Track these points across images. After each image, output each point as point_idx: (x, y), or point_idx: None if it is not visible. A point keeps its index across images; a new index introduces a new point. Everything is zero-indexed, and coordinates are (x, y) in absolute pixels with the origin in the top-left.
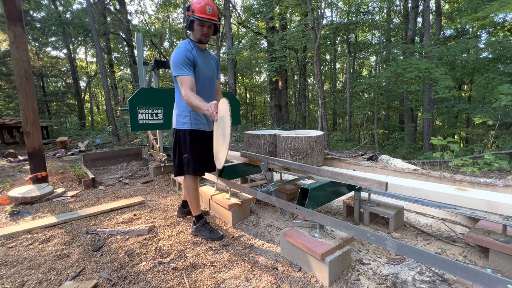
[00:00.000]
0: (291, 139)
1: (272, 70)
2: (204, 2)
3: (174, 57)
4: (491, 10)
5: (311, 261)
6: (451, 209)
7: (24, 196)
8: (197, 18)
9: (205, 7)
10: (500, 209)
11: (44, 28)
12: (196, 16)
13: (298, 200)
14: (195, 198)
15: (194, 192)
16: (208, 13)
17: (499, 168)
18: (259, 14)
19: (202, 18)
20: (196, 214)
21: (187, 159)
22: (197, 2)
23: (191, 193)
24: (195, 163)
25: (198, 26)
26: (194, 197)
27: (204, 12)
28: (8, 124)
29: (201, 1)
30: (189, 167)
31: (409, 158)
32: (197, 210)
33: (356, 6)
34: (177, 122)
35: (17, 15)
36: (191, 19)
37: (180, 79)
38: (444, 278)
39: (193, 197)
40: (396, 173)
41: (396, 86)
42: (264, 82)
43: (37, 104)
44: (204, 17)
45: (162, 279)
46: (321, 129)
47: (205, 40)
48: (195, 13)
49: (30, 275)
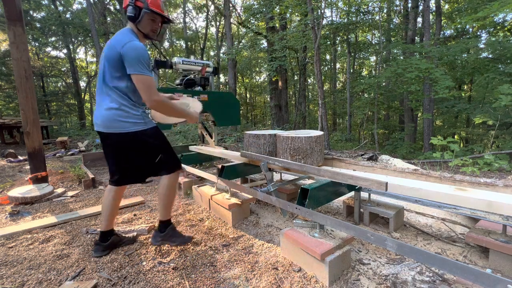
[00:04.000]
0: (291, 139)
1: (272, 70)
2: None
3: (139, 52)
4: (491, 10)
5: (311, 261)
6: (451, 209)
7: (24, 196)
8: (152, 10)
9: (159, 1)
10: (500, 209)
11: (44, 28)
12: (151, 8)
13: (298, 200)
14: (173, 198)
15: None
16: (162, 9)
17: (499, 168)
18: (259, 14)
19: (157, 12)
20: (169, 218)
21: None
22: None
23: (173, 193)
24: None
25: (149, 20)
26: (173, 197)
27: (159, 6)
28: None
29: None
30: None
31: (409, 158)
32: (169, 213)
33: (356, 6)
34: (134, 123)
35: (17, 15)
36: (144, 11)
37: (147, 79)
38: (444, 278)
39: (172, 197)
40: (396, 173)
41: (396, 86)
42: (264, 82)
43: (37, 104)
44: (159, 11)
45: (162, 279)
46: (321, 129)
47: (152, 37)
48: (149, 5)
49: (30, 275)
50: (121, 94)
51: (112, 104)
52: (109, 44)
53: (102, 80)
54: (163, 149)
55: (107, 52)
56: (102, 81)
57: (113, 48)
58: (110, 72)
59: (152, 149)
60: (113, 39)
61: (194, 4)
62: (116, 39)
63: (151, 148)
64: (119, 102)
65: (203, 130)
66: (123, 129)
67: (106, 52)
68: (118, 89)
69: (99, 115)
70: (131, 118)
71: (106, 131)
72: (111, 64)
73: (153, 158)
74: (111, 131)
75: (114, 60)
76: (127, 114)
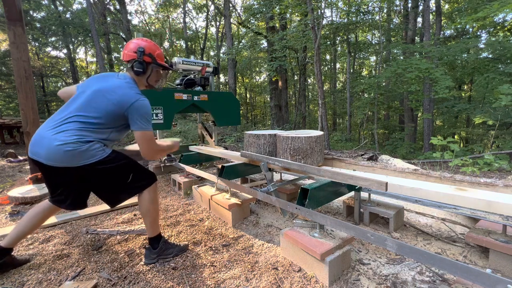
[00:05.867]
0: (291, 139)
1: (272, 70)
2: (159, 49)
3: (147, 110)
4: (491, 10)
5: (311, 261)
6: (451, 209)
7: (24, 196)
8: (160, 65)
9: (162, 54)
10: (500, 209)
11: (44, 28)
12: (159, 63)
13: (298, 200)
14: (158, 210)
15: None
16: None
17: (499, 168)
18: (259, 14)
19: (164, 66)
20: (157, 233)
21: (137, 175)
22: (153, 48)
23: (156, 206)
24: (146, 171)
25: (155, 73)
26: (158, 210)
27: (163, 59)
28: (8, 124)
29: (155, 47)
30: (146, 178)
31: (409, 158)
32: (158, 227)
33: (356, 6)
34: (93, 154)
35: (17, 15)
36: (152, 66)
37: (150, 134)
38: (444, 278)
39: (157, 210)
40: (396, 173)
41: (396, 86)
42: (264, 82)
43: (37, 104)
44: (166, 65)
45: (162, 279)
46: (321, 129)
47: (156, 86)
48: (157, 59)
49: (30, 275)
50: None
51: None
52: (108, 88)
53: (77, 109)
54: (132, 167)
55: (108, 96)
56: (77, 110)
57: (119, 102)
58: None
59: (120, 171)
60: (117, 87)
61: (194, 4)
62: (122, 92)
63: (118, 171)
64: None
65: (203, 130)
66: (87, 161)
67: (101, 90)
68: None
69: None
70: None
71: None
72: (110, 115)
73: (125, 179)
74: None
75: (115, 113)
76: (92, 150)
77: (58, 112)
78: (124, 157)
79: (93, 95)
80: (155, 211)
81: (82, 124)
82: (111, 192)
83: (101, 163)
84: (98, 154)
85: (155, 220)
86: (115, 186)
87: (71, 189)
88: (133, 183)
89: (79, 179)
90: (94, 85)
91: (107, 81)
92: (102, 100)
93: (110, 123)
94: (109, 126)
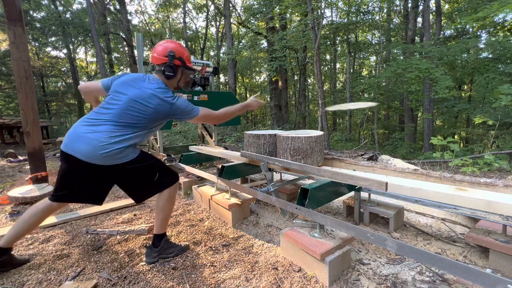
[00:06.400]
0: (291, 139)
1: (272, 70)
2: (187, 51)
3: (184, 103)
4: (491, 10)
5: (311, 261)
6: (451, 209)
7: (24, 196)
8: (190, 68)
9: (189, 56)
10: (500, 209)
11: (44, 28)
12: (189, 66)
13: (298, 200)
14: (172, 210)
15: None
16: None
17: (499, 168)
18: (259, 14)
19: (193, 68)
20: (164, 232)
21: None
22: (182, 51)
23: (172, 205)
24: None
25: (184, 75)
26: (172, 209)
27: (190, 62)
28: (8, 124)
29: (184, 50)
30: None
31: (409, 158)
32: (166, 226)
33: (356, 6)
34: (126, 155)
35: (17, 15)
36: (182, 69)
37: (204, 114)
38: (444, 278)
39: (172, 209)
40: (396, 173)
41: (396, 86)
42: (264, 82)
43: (37, 104)
44: (194, 67)
45: (162, 279)
46: (321, 129)
47: (184, 87)
48: (186, 63)
49: (30, 275)
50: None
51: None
52: (145, 96)
53: (114, 115)
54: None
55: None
56: (114, 116)
57: (158, 110)
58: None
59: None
60: (152, 96)
61: (194, 4)
62: (157, 102)
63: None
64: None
65: (203, 130)
66: (120, 161)
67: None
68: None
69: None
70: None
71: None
72: (148, 120)
73: (151, 178)
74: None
75: (154, 118)
76: (127, 152)
77: (94, 112)
78: (151, 157)
79: (129, 103)
80: (169, 209)
81: (120, 128)
82: (139, 189)
83: (131, 163)
84: (129, 155)
85: (167, 218)
86: (143, 184)
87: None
88: (158, 181)
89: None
90: (128, 92)
91: (140, 87)
92: (140, 108)
93: (148, 126)
94: (146, 129)
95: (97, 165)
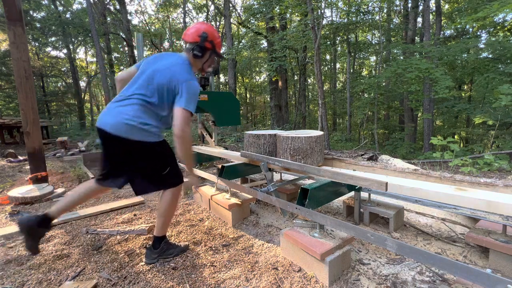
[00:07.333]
0: (291, 139)
1: (272, 70)
2: (219, 38)
3: (196, 90)
4: (491, 10)
5: (311, 261)
6: (451, 209)
7: (24, 196)
8: (219, 54)
9: (221, 43)
10: (500, 209)
11: (44, 28)
12: (217, 52)
13: (298, 200)
14: (173, 214)
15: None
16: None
17: (499, 168)
18: (259, 14)
19: (221, 55)
20: (164, 234)
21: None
22: (215, 35)
23: (174, 209)
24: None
25: (212, 59)
26: (174, 213)
27: (221, 48)
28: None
29: (217, 35)
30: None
31: (409, 158)
32: (167, 228)
33: (356, 6)
34: (150, 134)
35: (17, 15)
36: (211, 52)
37: (187, 115)
38: (444, 278)
39: (173, 213)
40: (396, 173)
41: (396, 86)
42: (264, 82)
43: (37, 104)
44: (221, 55)
45: (162, 279)
46: (321, 129)
47: (208, 71)
48: (216, 48)
49: (30, 275)
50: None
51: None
52: (166, 64)
53: (138, 87)
54: (171, 162)
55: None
56: (138, 89)
57: (172, 77)
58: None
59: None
60: (174, 64)
61: (194, 4)
62: (176, 69)
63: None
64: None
65: (203, 130)
66: (143, 139)
67: (159, 68)
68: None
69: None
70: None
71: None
72: (161, 92)
73: (162, 170)
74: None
75: (165, 89)
76: (150, 132)
77: (125, 88)
78: (171, 150)
79: (152, 74)
80: (171, 213)
81: (143, 103)
82: (146, 178)
83: (156, 144)
84: (154, 136)
85: (168, 221)
86: (151, 173)
87: (123, 163)
88: (165, 176)
89: (131, 153)
90: (154, 64)
91: (167, 59)
92: (159, 76)
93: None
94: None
95: (124, 140)
